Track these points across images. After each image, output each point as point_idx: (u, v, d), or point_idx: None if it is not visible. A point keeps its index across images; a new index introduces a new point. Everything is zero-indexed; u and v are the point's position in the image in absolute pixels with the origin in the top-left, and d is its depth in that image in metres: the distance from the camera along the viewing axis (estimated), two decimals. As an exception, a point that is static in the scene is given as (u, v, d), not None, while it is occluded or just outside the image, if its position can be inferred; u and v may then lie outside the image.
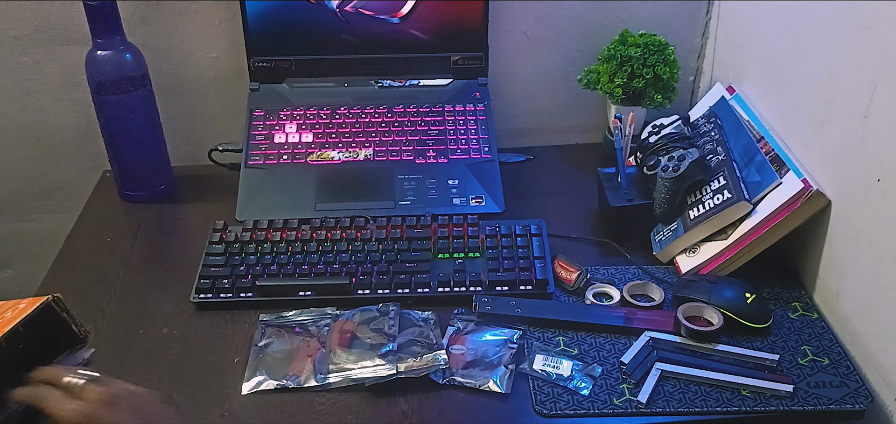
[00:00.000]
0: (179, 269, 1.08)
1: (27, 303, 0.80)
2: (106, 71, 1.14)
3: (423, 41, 1.27)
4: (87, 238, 1.17)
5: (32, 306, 0.78)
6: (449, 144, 1.23)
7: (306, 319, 0.98)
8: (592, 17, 1.31)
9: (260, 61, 1.28)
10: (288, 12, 1.24)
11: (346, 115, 1.26)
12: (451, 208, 1.16)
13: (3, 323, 0.77)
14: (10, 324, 0.76)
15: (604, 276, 1.06)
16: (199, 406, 0.88)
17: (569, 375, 0.90)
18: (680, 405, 0.87)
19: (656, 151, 1.10)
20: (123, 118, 1.18)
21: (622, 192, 1.12)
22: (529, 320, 0.98)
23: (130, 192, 1.24)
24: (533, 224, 1.10)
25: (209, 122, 1.34)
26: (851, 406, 0.87)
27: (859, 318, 0.94)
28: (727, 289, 0.97)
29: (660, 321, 0.96)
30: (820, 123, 0.99)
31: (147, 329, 0.99)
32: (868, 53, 0.89)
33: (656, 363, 0.91)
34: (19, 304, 0.82)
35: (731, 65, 1.25)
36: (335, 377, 0.90)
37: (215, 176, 1.29)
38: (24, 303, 0.81)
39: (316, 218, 1.12)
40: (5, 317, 0.79)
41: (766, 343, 0.95)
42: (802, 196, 0.97)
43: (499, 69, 1.33)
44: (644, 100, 1.25)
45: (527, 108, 1.38)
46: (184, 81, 1.31)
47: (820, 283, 1.01)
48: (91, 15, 1.12)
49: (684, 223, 1.06)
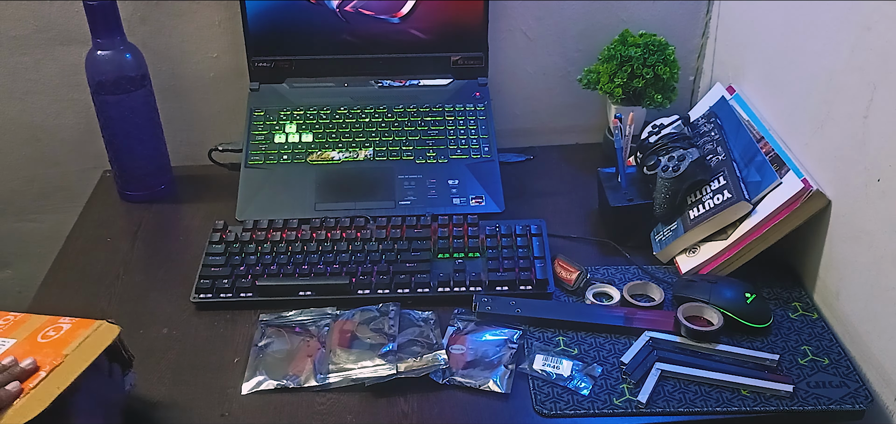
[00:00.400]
0: (179, 269, 1.08)
1: (74, 323, 0.81)
2: (106, 71, 1.14)
3: (423, 41, 1.27)
4: (87, 238, 1.17)
5: (88, 328, 0.80)
6: (449, 144, 1.23)
7: (306, 319, 0.98)
8: (592, 17, 1.31)
9: (260, 61, 1.28)
10: (288, 12, 1.24)
11: (346, 115, 1.26)
12: (451, 208, 1.16)
13: (56, 344, 0.78)
14: (66, 346, 0.78)
15: (604, 276, 1.06)
16: (199, 406, 0.88)
17: (569, 375, 0.90)
18: (680, 405, 0.87)
19: (656, 151, 1.10)
20: (123, 118, 1.18)
21: (622, 192, 1.12)
22: (529, 320, 0.98)
23: (130, 192, 1.24)
24: (533, 224, 1.10)
25: (209, 122, 1.34)
26: (851, 406, 0.87)
27: (859, 318, 0.94)
28: (727, 289, 0.97)
29: (660, 321, 0.96)
30: (820, 123, 0.99)
31: (147, 329, 0.99)
32: (868, 53, 0.89)
33: (656, 364, 0.91)
34: (59, 321, 0.82)
35: (731, 65, 1.25)
36: (335, 377, 0.90)
37: (215, 176, 1.29)
38: (68, 321, 0.82)
39: (316, 218, 1.12)
40: (50, 336, 0.80)
41: (766, 343, 0.95)
42: (802, 196, 0.97)
43: (499, 69, 1.33)
44: (644, 100, 1.25)
45: (527, 108, 1.38)
46: (184, 81, 1.31)
47: (820, 283, 1.01)
48: (91, 15, 1.12)
49: (684, 223, 1.06)
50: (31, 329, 0.81)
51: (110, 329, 0.81)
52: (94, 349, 0.78)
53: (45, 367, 0.75)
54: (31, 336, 0.80)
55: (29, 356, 0.76)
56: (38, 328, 0.81)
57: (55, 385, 0.74)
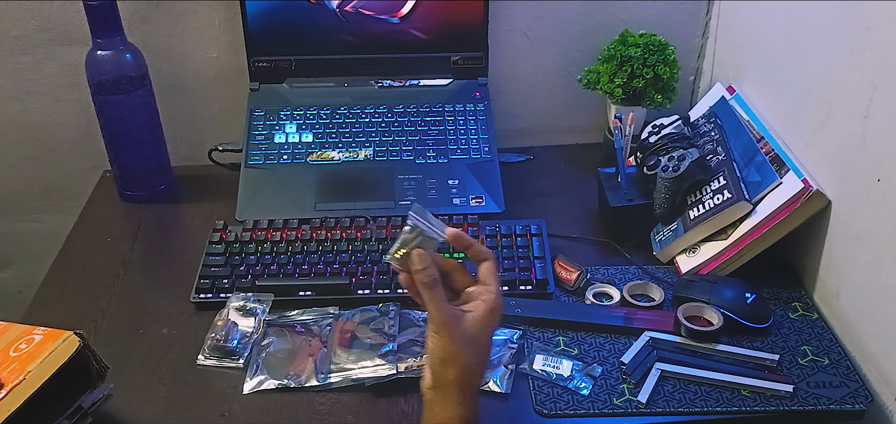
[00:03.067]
0: (179, 269, 1.08)
1: (45, 335, 0.80)
2: (106, 71, 1.14)
3: (423, 41, 1.27)
4: (87, 238, 1.17)
5: (55, 341, 0.78)
6: (449, 144, 1.23)
7: (308, 318, 0.98)
8: (592, 17, 1.31)
9: (260, 61, 1.28)
10: (288, 12, 1.24)
11: (346, 115, 1.26)
12: (451, 208, 1.16)
13: (24, 359, 0.77)
14: (33, 361, 0.76)
15: (604, 276, 1.06)
16: (199, 406, 0.88)
17: (569, 375, 0.90)
18: (680, 405, 0.87)
19: (656, 151, 1.10)
20: (123, 118, 1.18)
21: (622, 192, 1.12)
22: (529, 320, 0.98)
23: (130, 192, 1.24)
24: (533, 224, 1.10)
25: (209, 122, 1.34)
26: (851, 406, 0.87)
27: (859, 318, 0.94)
28: (727, 289, 0.97)
29: (660, 321, 0.96)
30: (820, 123, 0.99)
31: (147, 329, 0.99)
32: (868, 53, 0.89)
33: (656, 364, 0.91)
34: (33, 332, 0.81)
35: (731, 65, 1.25)
36: (335, 377, 0.90)
37: (215, 176, 1.29)
38: (41, 333, 0.80)
39: (316, 218, 1.12)
40: (21, 350, 0.79)
41: (766, 343, 0.95)
42: (802, 196, 0.97)
43: (499, 69, 1.33)
44: (644, 100, 1.25)
45: (527, 108, 1.38)
46: (184, 81, 1.31)
47: (820, 283, 1.01)
48: (91, 15, 1.12)
49: (684, 223, 1.06)
50: (5, 342, 0.81)
51: (71, 343, 0.78)
52: (51, 366, 0.76)
53: (8, 384, 0.75)
54: (3, 350, 0.80)
55: None
56: (12, 341, 0.80)
57: (5, 409, 0.73)
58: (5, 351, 0.79)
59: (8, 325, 0.84)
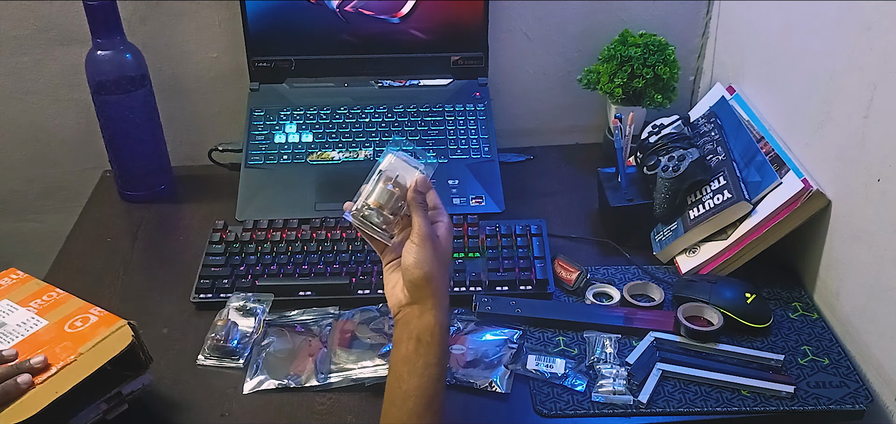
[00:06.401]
0: (179, 269, 1.08)
1: (100, 318, 0.82)
2: (106, 71, 1.14)
3: (423, 41, 1.27)
4: (87, 238, 1.17)
5: (109, 327, 0.81)
6: (449, 144, 1.23)
7: (308, 318, 0.98)
8: (592, 17, 1.31)
9: (260, 61, 1.28)
10: (288, 12, 1.24)
11: (346, 115, 1.26)
12: (451, 208, 1.16)
13: (76, 338, 0.79)
14: (85, 342, 0.78)
15: (604, 276, 1.06)
16: (199, 406, 0.88)
17: (563, 373, 0.90)
18: (680, 405, 0.87)
19: (656, 151, 1.10)
20: (123, 118, 1.18)
21: (622, 192, 1.12)
22: (529, 320, 0.98)
23: (130, 192, 1.24)
24: (533, 224, 1.10)
25: (209, 122, 1.34)
26: (851, 406, 0.87)
27: (859, 318, 0.94)
28: (727, 289, 0.97)
29: (660, 321, 0.96)
30: (820, 123, 0.99)
31: (147, 329, 0.98)
32: (868, 53, 0.89)
33: (657, 364, 0.91)
34: (90, 310, 0.83)
35: (731, 65, 1.25)
36: (335, 377, 0.90)
37: (215, 176, 1.29)
38: (97, 314, 0.83)
39: (316, 218, 1.12)
40: (76, 327, 0.81)
41: (767, 343, 0.95)
42: (802, 196, 0.97)
43: (499, 69, 1.33)
44: (644, 100, 1.25)
45: (527, 108, 1.38)
46: (184, 81, 1.31)
47: (820, 283, 1.01)
48: (91, 15, 1.12)
49: (684, 223, 1.06)
50: (63, 314, 0.83)
51: (124, 335, 0.81)
52: (103, 355, 0.78)
53: (58, 362, 0.76)
54: (60, 322, 0.82)
55: (48, 346, 0.77)
56: (68, 315, 0.83)
57: (54, 389, 0.74)
58: (61, 325, 0.81)
59: (67, 296, 0.86)
